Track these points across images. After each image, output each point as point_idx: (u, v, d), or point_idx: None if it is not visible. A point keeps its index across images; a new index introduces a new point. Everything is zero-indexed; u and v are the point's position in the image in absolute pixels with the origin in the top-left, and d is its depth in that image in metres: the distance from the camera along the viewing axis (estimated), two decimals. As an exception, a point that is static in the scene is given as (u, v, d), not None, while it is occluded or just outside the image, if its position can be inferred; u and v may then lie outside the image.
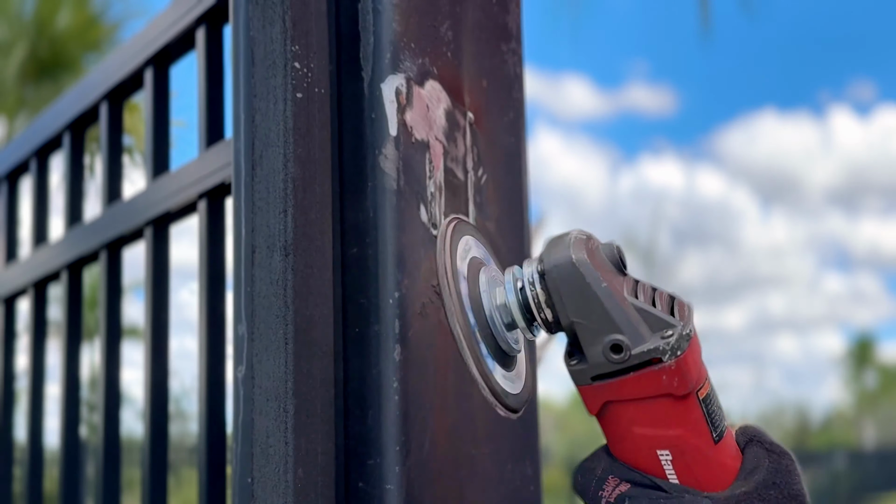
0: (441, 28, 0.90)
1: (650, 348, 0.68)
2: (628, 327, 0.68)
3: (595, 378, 0.70)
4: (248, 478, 0.79)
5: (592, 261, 0.70)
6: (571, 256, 0.70)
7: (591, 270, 0.69)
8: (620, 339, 0.68)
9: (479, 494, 0.86)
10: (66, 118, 1.39)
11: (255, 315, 0.80)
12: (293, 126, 0.81)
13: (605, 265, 0.71)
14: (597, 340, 0.69)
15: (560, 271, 0.70)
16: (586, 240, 0.72)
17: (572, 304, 0.70)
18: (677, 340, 0.67)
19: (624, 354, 0.68)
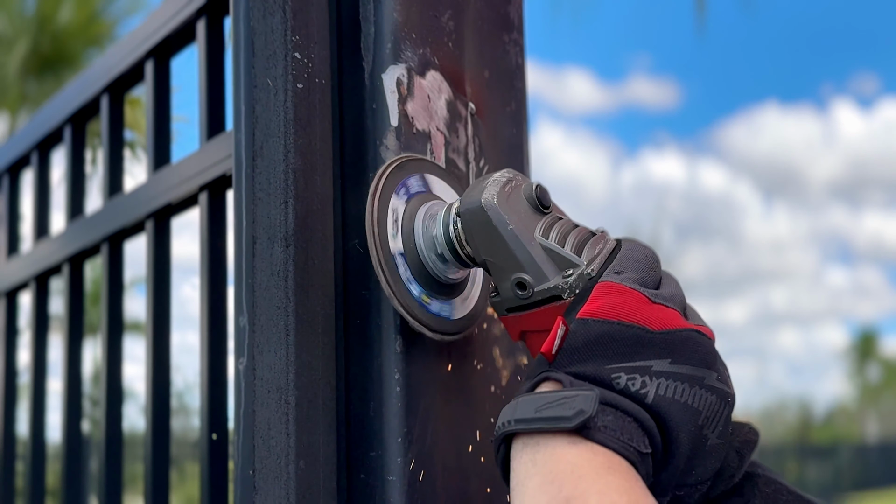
0: (442, 18, 0.90)
1: (550, 286, 0.72)
2: (532, 267, 0.73)
3: (509, 310, 0.76)
4: (249, 469, 0.79)
5: (504, 203, 0.74)
6: (481, 199, 0.74)
7: (497, 213, 0.74)
8: (524, 278, 0.73)
9: (482, 486, 0.86)
10: (66, 111, 1.39)
11: (256, 306, 0.80)
12: (294, 116, 0.81)
13: (520, 206, 0.75)
14: (505, 277, 0.74)
15: (470, 214, 0.75)
16: (504, 182, 0.76)
17: (482, 243, 0.75)
18: (576, 280, 0.71)
19: (528, 292, 0.73)
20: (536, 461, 0.64)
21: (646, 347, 0.66)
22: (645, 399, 0.65)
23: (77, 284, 1.39)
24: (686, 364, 0.67)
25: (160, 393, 1.16)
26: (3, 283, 1.59)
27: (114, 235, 1.26)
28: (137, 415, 10.31)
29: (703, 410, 0.67)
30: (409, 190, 0.81)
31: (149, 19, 1.19)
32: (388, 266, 0.78)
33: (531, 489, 0.63)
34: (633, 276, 0.70)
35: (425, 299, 0.80)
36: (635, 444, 0.64)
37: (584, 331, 0.67)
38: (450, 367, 0.85)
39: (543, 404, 0.65)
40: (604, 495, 0.59)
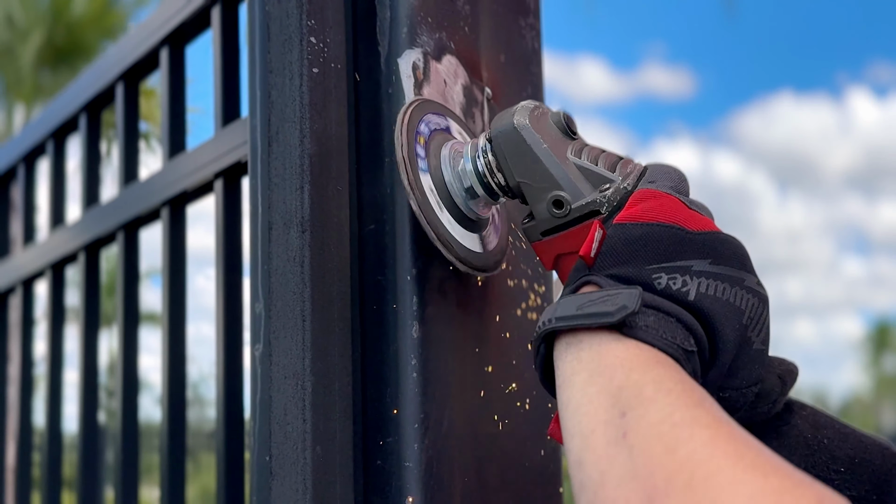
0: (458, 2, 0.89)
1: (588, 201, 0.72)
2: (568, 184, 0.73)
3: (544, 233, 0.75)
4: (266, 455, 0.79)
5: (535, 125, 0.75)
6: (513, 122, 0.75)
7: (531, 133, 0.74)
8: (561, 195, 0.73)
9: (499, 472, 0.86)
10: (82, 100, 1.39)
11: (272, 292, 0.80)
12: (309, 101, 0.80)
13: (551, 130, 0.75)
14: (541, 198, 0.74)
15: (504, 136, 0.75)
16: (533, 108, 0.76)
17: (517, 165, 0.75)
18: (613, 193, 0.71)
19: (565, 209, 0.73)
20: (581, 358, 0.63)
21: (685, 247, 0.66)
22: (687, 297, 0.64)
23: (93, 273, 1.39)
24: (726, 265, 0.66)
25: (176, 382, 1.16)
26: (20, 272, 1.59)
27: (129, 223, 1.26)
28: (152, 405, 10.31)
29: (746, 310, 0.66)
30: (429, 128, 0.80)
31: (163, 6, 1.19)
32: (423, 200, 0.77)
33: (579, 384, 0.61)
34: (668, 184, 0.70)
35: (457, 232, 0.79)
36: (679, 342, 0.62)
37: (623, 233, 0.67)
38: (468, 353, 0.84)
39: (585, 302, 0.64)
40: (659, 383, 0.58)
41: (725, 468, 0.50)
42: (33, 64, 8.80)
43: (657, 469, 0.52)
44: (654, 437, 0.54)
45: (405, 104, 0.80)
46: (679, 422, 0.54)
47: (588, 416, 0.59)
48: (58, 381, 1.50)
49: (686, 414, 0.55)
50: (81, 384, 1.37)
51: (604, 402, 0.58)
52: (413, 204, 0.77)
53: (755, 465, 0.50)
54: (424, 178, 0.78)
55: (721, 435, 0.53)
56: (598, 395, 0.59)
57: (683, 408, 0.56)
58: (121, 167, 1.30)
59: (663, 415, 0.55)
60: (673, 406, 0.56)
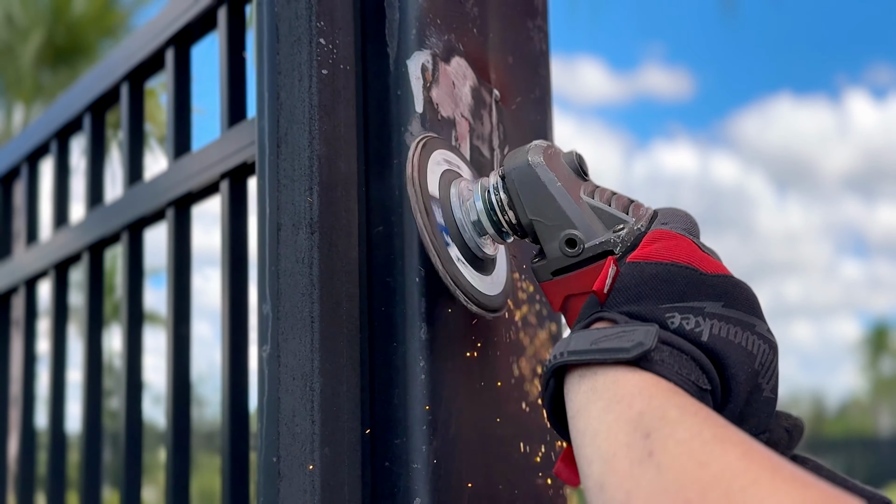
0: (467, 4, 0.90)
1: (602, 241, 0.72)
2: (582, 223, 0.73)
3: (555, 273, 0.75)
4: (273, 457, 0.78)
5: (549, 164, 0.74)
6: (528, 159, 0.75)
7: (546, 171, 0.74)
8: (574, 234, 0.73)
9: (505, 475, 0.86)
10: (86, 99, 1.39)
11: (280, 294, 0.80)
12: (318, 103, 0.80)
13: (564, 170, 0.75)
14: (553, 236, 0.74)
15: (518, 173, 0.75)
16: (546, 147, 0.76)
17: (530, 203, 0.75)
18: (627, 234, 0.71)
19: (578, 248, 0.73)
20: (596, 388, 0.62)
21: (699, 289, 0.66)
22: (700, 337, 0.64)
23: (97, 272, 1.39)
24: (738, 309, 0.66)
25: (181, 382, 1.16)
26: (23, 272, 1.59)
27: (134, 223, 1.26)
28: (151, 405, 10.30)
29: (757, 355, 0.65)
30: (437, 168, 0.80)
31: (169, 7, 1.19)
32: (437, 240, 0.77)
33: (595, 412, 0.61)
34: (681, 226, 0.70)
35: (471, 276, 0.79)
36: (694, 379, 0.62)
37: (637, 271, 0.67)
38: (474, 354, 0.84)
39: (600, 337, 0.64)
40: (682, 407, 0.58)
41: (763, 479, 0.49)
42: (33, 63, 8.79)
43: (690, 483, 0.51)
44: (684, 453, 0.53)
45: (413, 142, 0.79)
46: (710, 439, 0.54)
47: (608, 440, 0.58)
48: (61, 381, 1.50)
49: (716, 432, 0.55)
50: (85, 384, 1.37)
51: (624, 426, 0.58)
52: (431, 254, 0.76)
53: (794, 478, 0.50)
54: (437, 219, 0.78)
55: (754, 450, 0.53)
56: (616, 421, 0.59)
57: (712, 427, 0.55)
58: (125, 167, 1.30)
59: (692, 433, 0.55)
60: (701, 426, 0.55)
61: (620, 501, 0.54)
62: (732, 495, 0.49)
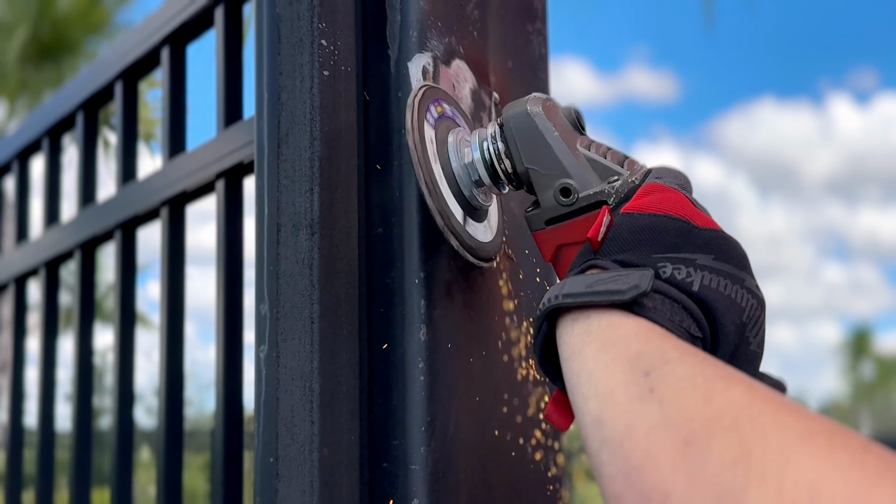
0: (467, 7, 0.90)
1: (596, 191, 0.72)
2: (577, 173, 0.73)
3: (548, 222, 0.75)
4: (270, 457, 0.78)
5: (547, 114, 0.75)
6: (527, 108, 0.75)
7: (543, 120, 0.75)
8: (569, 183, 0.73)
9: (503, 475, 0.86)
10: (79, 97, 1.39)
11: (280, 294, 0.80)
12: (320, 104, 0.80)
13: (561, 121, 0.76)
14: (548, 185, 0.74)
15: (516, 121, 0.76)
16: (544, 99, 0.77)
17: (526, 151, 0.75)
18: (622, 185, 0.71)
19: (572, 197, 0.73)
20: (591, 331, 0.62)
21: (690, 241, 0.66)
22: (691, 287, 0.64)
23: (89, 270, 1.38)
24: (728, 263, 0.66)
25: (174, 383, 1.16)
26: (12, 270, 1.59)
27: (127, 222, 1.26)
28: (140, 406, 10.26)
29: (745, 308, 0.66)
30: (434, 116, 0.80)
31: (165, 5, 1.19)
32: (432, 182, 0.77)
33: (590, 353, 0.61)
34: (674, 181, 0.71)
35: (465, 223, 0.79)
36: (686, 326, 0.63)
37: (630, 221, 0.67)
38: (474, 357, 0.84)
39: (595, 281, 0.64)
40: (681, 349, 0.58)
41: (770, 411, 0.49)
42: (18, 60, 8.74)
43: (694, 416, 0.51)
44: (686, 388, 0.53)
45: (414, 89, 0.80)
46: (712, 376, 0.54)
47: (605, 379, 0.58)
48: (51, 380, 1.49)
49: (718, 370, 0.54)
50: (75, 383, 1.37)
51: (622, 365, 0.58)
52: (424, 191, 0.77)
53: (800, 411, 0.49)
54: (434, 165, 0.79)
55: (758, 386, 0.52)
56: (613, 360, 0.59)
57: (713, 366, 0.55)
58: (119, 166, 1.30)
59: (693, 370, 0.54)
60: (701, 365, 0.55)
61: (620, 433, 0.54)
62: (739, 425, 0.48)
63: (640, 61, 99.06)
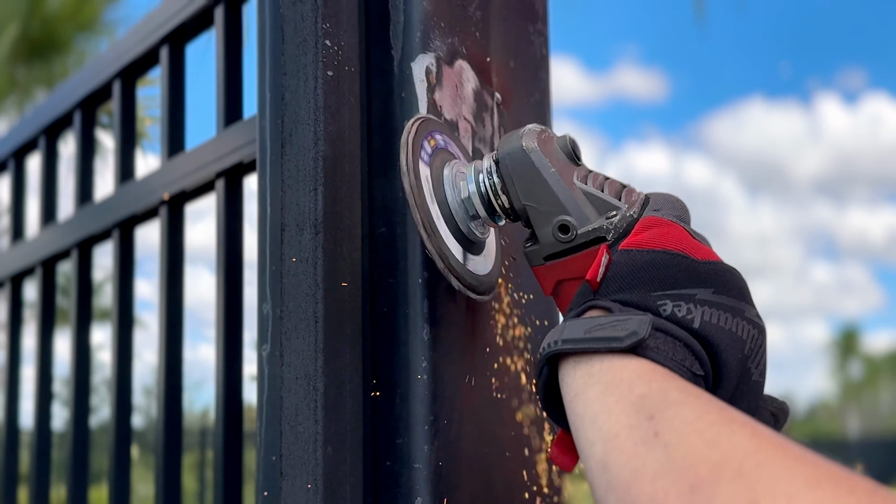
0: (470, 8, 0.90)
1: (594, 227, 0.72)
2: (575, 209, 0.73)
3: (547, 258, 0.75)
4: (273, 456, 0.79)
5: (543, 149, 0.75)
6: (522, 144, 0.75)
7: (539, 157, 0.74)
8: (567, 220, 0.73)
9: (507, 475, 0.86)
10: (77, 96, 1.38)
11: (283, 293, 0.80)
12: (324, 104, 0.81)
13: (557, 154, 0.76)
14: (546, 222, 0.74)
15: (511, 158, 0.75)
16: (539, 131, 0.76)
17: (523, 188, 0.75)
18: (620, 220, 0.71)
19: (571, 234, 0.73)
20: (593, 373, 0.62)
21: (690, 276, 0.66)
22: (692, 324, 0.64)
23: (86, 270, 1.38)
24: (728, 295, 0.66)
25: (172, 381, 1.16)
26: (8, 269, 1.58)
27: (125, 221, 1.26)
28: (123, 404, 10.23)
29: (747, 341, 0.66)
30: (429, 151, 0.80)
31: (164, 4, 1.19)
32: (430, 224, 0.77)
33: (594, 396, 0.61)
34: (672, 213, 0.71)
35: (462, 258, 0.79)
36: (688, 365, 0.63)
37: (629, 259, 0.67)
38: (477, 355, 0.85)
39: (594, 326, 0.64)
40: (684, 390, 0.58)
41: (775, 458, 0.49)
42: (8, 58, 8.71)
43: (699, 461, 0.51)
44: (692, 433, 0.53)
45: (408, 121, 0.80)
46: (716, 420, 0.54)
47: (609, 422, 0.58)
48: (47, 379, 1.49)
49: (722, 414, 0.55)
50: (73, 382, 1.36)
51: (625, 408, 0.58)
52: (423, 234, 0.76)
53: (804, 457, 0.50)
54: (429, 200, 0.78)
55: (763, 430, 0.53)
56: (617, 403, 0.59)
57: (717, 409, 0.55)
58: (117, 165, 1.30)
59: (698, 414, 0.55)
60: (706, 407, 0.56)
61: (626, 479, 0.54)
62: (745, 472, 0.49)
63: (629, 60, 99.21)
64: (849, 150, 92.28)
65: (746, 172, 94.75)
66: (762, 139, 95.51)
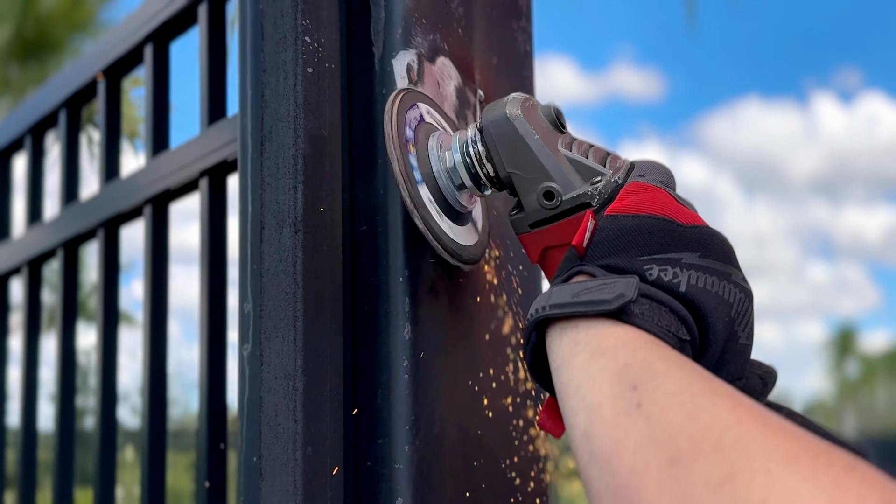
0: (452, 4, 0.89)
1: (579, 193, 0.72)
2: (559, 175, 0.73)
3: (533, 225, 0.75)
4: (254, 456, 0.78)
5: (527, 116, 0.75)
6: (506, 112, 0.75)
7: (523, 124, 0.74)
8: (552, 187, 0.73)
9: (489, 474, 0.86)
10: (62, 94, 1.38)
11: (263, 293, 0.79)
12: (304, 101, 0.80)
13: (542, 122, 0.75)
14: (531, 189, 0.74)
15: (496, 126, 0.75)
16: (524, 100, 0.76)
17: (508, 155, 0.75)
18: (605, 186, 0.71)
19: (556, 200, 0.73)
20: (579, 340, 0.62)
21: (676, 240, 0.66)
22: (678, 288, 0.64)
23: (72, 269, 1.38)
24: (714, 259, 0.66)
25: (158, 382, 1.15)
26: (-5, 268, 1.58)
27: (110, 220, 1.25)
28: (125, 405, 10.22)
29: (733, 304, 0.66)
30: (417, 118, 0.80)
31: (148, 2, 1.18)
32: (414, 193, 0.76)
33: (579, 363, 0.61)
34: (657, 178, 0.70)
35: (447, 226, 0.79)
36: (674, 330, 0.63)
37: (615, 224, 0.67)
38: (458, 354, 0.84)
39: (580, 290, 0.64)
40: (668, 360, 0.58)
41: (754, 432, 0.49)
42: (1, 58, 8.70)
43: (679, 434, 0.51)
44: (673, 405, 0.53)
45: (394, 92, 0.79)
46: (698, 392, 0.54)
47: (594, 391, 0.58)
48: (33, 380, 1.48)
49: (704, 385, 0.55)
50: (59, 383, 1.36)
51: (609, 377, 0.58)
52: (405, 197, 0.76)
53: (784, 430, 0.50)
54: (413, 170, 0.78)
55: (743, 403, 0.53)
56: (601, 371, 0.59)
57: (699, 380, 0.55)
58: (102, 164, 1.29)
59: (680, 385, 0.55)
60: (688, 378, 0.55)
61: (608, 450, 0.54)
62: (724, 446, 0.49)
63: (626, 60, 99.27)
64: (845, 150, 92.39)
65: (742, 172, 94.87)
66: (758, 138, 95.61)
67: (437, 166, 0.79)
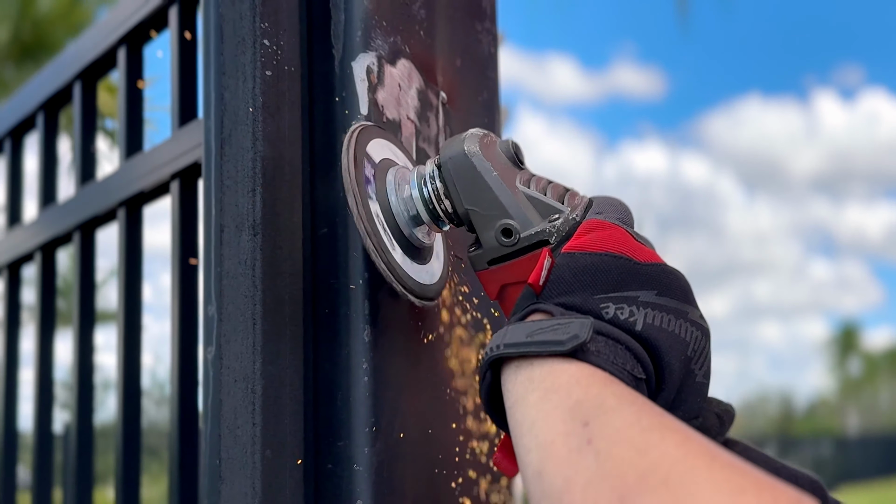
0: (413, 6, 0.89)
1: (537, 231, 0.72)
2: (517, 213, 0.73)
3: (491, 262, 0.75)
4: (216, 459, 0.78)
5: (485, 153, 0.74)
6: (464, 149, 0.74)
7: (481, 161, 0.74)
8: (510, 224, 0.73)
9: (449, 476, 0.86)
10: (39, 98, 1.38)
11: (223, 295, 0.79)
12: (262, 104, 0.80)
13: (500, 158, 0.75)
14: (489, 226, 0.74)
15: (454, 163, 0.75)
16: (482, 136, 0.76)
17: (466, 192, 0.75)
18: (562, 223, 0.71)
19: (514, 238, 0.73)
20: (534, 378, 0.62)
21: (632, 278, 0.66)
22: (634, 327, 0.64)
23: (49, 273, 1.38)
24: (671, 297, 0.66)
25: (131, 381, 1.15)
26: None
27: (86, 223, 1.25)
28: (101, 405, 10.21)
29: (690, 342, 0.66)
30: (374, 154, 0.80)
31: (121, 5, 1.18)
32: (373, 230, 0.76)
33: (533, 401, 0.61)
34: (615, 215, 0.70)
35: (406, 264, 0.79)
36: (629, 369, 0.63)
37: (572, 262, 0.67)
38: (420, 357, 0.84)
39: (535, 330, 0.64)
40: (620, 396, 0.58)
41: (701, 466, 0.50)
42: (-2, 59, 8.71)
43: (628, 470, 0.51)
44: (623, 440, 0.53)
45: (349, 129, 0.79)
46: (647, 426, 0.54)
47: (545, 430, 0.58)
48: (13, 382, 1.49)
49: (654, 420, 0.55)
50: (37, 384, 1.36)
51: (562, 415, 0.58)
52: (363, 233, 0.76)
53: (731, 465, 0.50)
54: (372, 205, 0.78)
55: (692, 438, 0.53)
56: (554, 409, 0.59)
57: (650, 415, 0.55)
58: (77, 167, 1.29)
59: (630, 421, 0.55)
60: (638, 414, 0.56)
61: (559, 488, 0.54)
62: (671, 481, 0.49)
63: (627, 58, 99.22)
64: (846, 147, 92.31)
65: (744, 170, 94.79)
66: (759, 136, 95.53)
67: (395, 202, 0.79)
